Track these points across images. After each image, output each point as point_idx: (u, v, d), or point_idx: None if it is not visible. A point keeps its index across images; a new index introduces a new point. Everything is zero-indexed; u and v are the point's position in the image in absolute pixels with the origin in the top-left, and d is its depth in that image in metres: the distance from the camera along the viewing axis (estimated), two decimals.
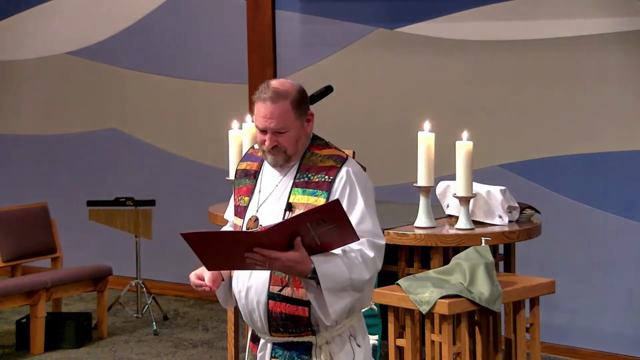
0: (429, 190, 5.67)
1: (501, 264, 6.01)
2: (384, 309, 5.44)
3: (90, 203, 8.27)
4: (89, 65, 9.47)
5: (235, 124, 6.35)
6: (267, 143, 3.66)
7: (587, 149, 7.15)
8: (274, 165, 3.73)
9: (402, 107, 7.85)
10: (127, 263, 8.58)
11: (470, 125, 6.10)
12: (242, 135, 6.23)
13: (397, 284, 5.28)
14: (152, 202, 8.23)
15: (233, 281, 3.79)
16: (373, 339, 5.59)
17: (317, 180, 3.67)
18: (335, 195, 3.62)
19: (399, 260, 5.69)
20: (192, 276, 3.82)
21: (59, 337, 7.52)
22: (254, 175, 3.83)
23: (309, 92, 5.94)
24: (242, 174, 3.89)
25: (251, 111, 8.03)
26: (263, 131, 3.67)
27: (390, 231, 5.57)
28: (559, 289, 5.80)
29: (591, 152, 7.14)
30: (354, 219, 3.60)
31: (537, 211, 5.90)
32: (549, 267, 7.13)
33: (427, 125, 5.68)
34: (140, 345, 7.62)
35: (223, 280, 3.83)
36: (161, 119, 9.15)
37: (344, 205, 3.57)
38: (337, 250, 3.54)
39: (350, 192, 3.65)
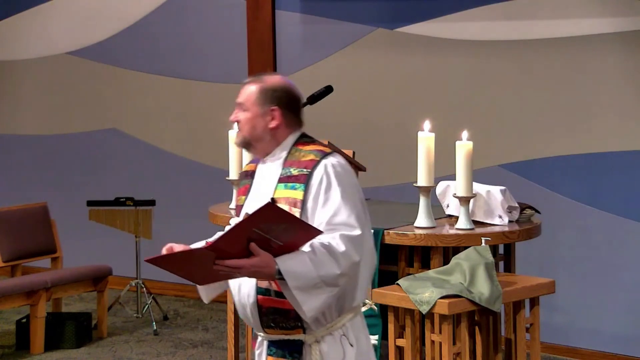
0: (429, 190, 5.67)
1: (501, 264, 6.01)
2: (384, 309, 5.44)
3: (90, 203, 8.27)
4: (89, 65, 9.47)
5: (235, 124, 6.34)
6: (232, 116, 3.90)
7: (587, 149, 7.15)
8: (236, 144, 3.91)
9: (402, 107, 7.85)
10: (127, 263, 8.58)
11: (470, 125, 6.10)
12: None
13: (397, 284, 5.28)
14: (152, 202, 8.23)
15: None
16: (373, 339, 5.59)
17: (297, 173, 3.76)
18: (313, 188, 3.69)
19: (399, 260, 5.69)
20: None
21: (59, 337, 7.52)
22: (251, 175, 3.95)
23: (309, 92, 5.98)
24: (243, 175, 4.02)
25: None
26: None
27: (390, 231, 5.57)
28: (559, 289, 5.80)
29: (591, 152, 7.14)
30: (328, 211, 3.65)
31: (537, 211, 5.90)
32: (549, 267, 7.13)
33: (427, 125, 5.68)
34: (140, 345, 7.62)
35: None
36: (161, 119, 9.15)
37: (321, 197, 3.66)
38: (306, 247, 3.58)
39: (327, 185, 3.70)
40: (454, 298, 5.09)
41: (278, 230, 3.49)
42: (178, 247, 3.74)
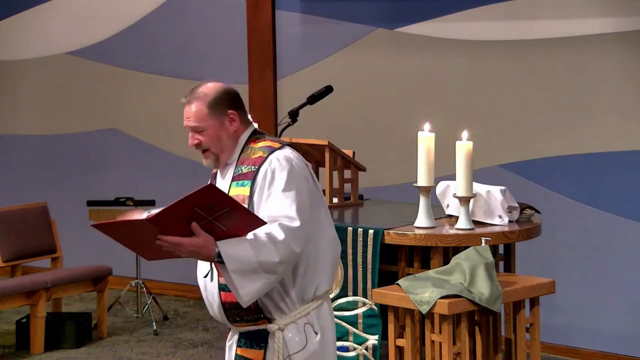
0: (429, 190, 5.66)
1: (501, 264, 6.01)
2: (384, 309, 5.44)
3: (90, 203, 8.27)
4: (89, 65, 9.47)
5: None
6: (189, 141, 3.94)
7: (587, 149, 7.15)
8: (208, 166, 3.98)
9: (402, 107, 7.85)
10: (127, 263, 8.58)
11: (470, 125, 6.10)
12: None
13: (397, 284, 5.28)
14: (152, 202, 8.23)
15: (198, 278, 3.97)
16: (373, 339, 5.59)
17: (246, 171, 3.84)
18: (258, 184, 3.78)
19: (399, 260, 5.69)
20: None
21: (59, 337, 7.52)
22: (214, 177, 4.07)
23: (309, 92, 5.98)
24: (213, 176, 4.12)
25: (251, 111, 8.03)
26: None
27: (390, 231, 5.57)
28: (559, 289, 5.80)
29: (591, 152, 7.14)
30: (271, 204, 3.72)
31: (537, 211, 5.90)
32: (549, 267, 7.13)
33: (427, 125, 5.68)
34: (140, 345, 7.62)
35: None
36: (161, 119, 9.15)
37: (265, 190, 3.75)
38: (249, 235, 3.64)
39: (272, 178, 3.77)
40: (454, 298, 5.08)
41: (219, 214, 3.56)
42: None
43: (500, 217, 5.71)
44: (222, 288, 3.82)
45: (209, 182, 4.04)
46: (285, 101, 8.31)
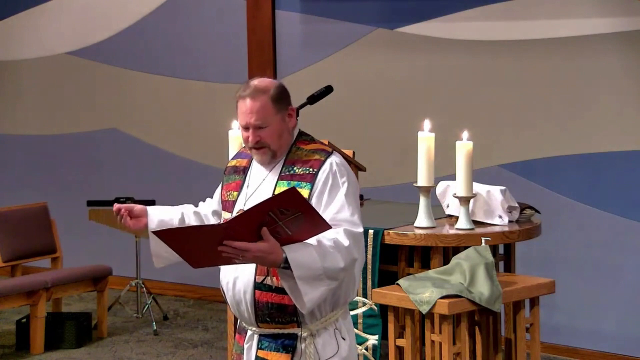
0: (429, 190, 5.66)
1: (501, 264, 6.01)
2: (384, 309, 5.44)
3: (90, 203, 8.27)
4: (89, 65, 9.47)
5: (235, 124, 6.33)
6: (250, 139, 3.75)
7: (587, 149, 7.15)
8: (262, 163, 3.81)
9: (402, 107, 7.85)
10: (127, 263, 8.59)
11: (470, 125, 6.10)
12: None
13: (397, 284, 5.28)
14: (152, 202, 8.22)
15: (221, 273, 3.85)
16: (373, 339, 5.59)
17: (301, 172, 3.75)
18: (318, 186, 3.70)
19: (399, 260, 5.69)
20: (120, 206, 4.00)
21: (59, 337, 7.52)
22: (243, 171, 3.92)
23: (309, 92, 5.97)
24: (231, 170, 3.98)
25: None
26: (246, 128, 3.76)
27: (390, 231, 5.57)
28: (559, 289, 5.80)
29: (591, 152, 7.14)
30: (333, 208, 3.66)
31: (537, 211, 5.90)
32: (549, 267, 7.13)
33: (427, 125, 5.68)
34: (140, 345, 7.62)
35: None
36: (161, 119, 9.15)
37: (325, 195, 3.67)
38: (312, 240, 3.57)
39: (333, 183, 3.71)
40: (454, 298, 5.09)
41: (290, 217, 3.48)
42: (138, 208, 3.93)
43: (500, 217, 5.72)
44: (257, 287, 3.71)
45: (224, 178, 3.96)
46: None
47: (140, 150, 9.26)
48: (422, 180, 5.63)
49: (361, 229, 3.68)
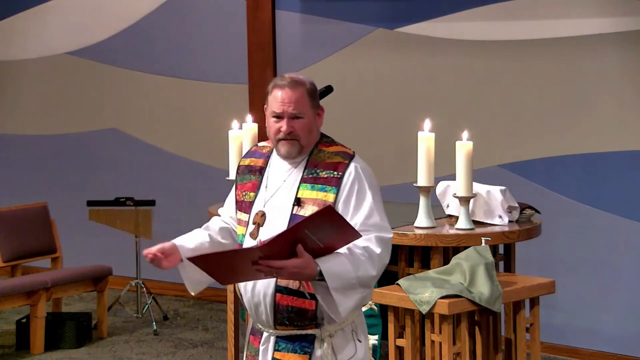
0: (429, 190, 5.66)
1: (501, 264, 6.01)
2: (384, 309, 5.44)
3: (90, 203, 8.27)
4: (89, 65, 9.47)
5: (235, 124, 6.35)
6: (284, 128, 3.70)
7: (587, 149, 7.15)
8: (287, 156, 3.75)
9: (402, 107, 7.85)
10: (127, 263, 8.58)
11: (470, 125, 6.10)
12: (242, 135, 6.22)
13: (397, 284, 5.28)
14: (152, 202, 8.23)
15: None
16: (373, 339, 5.59)
17: (325, 176, 3.72)
18: (344, 191, 3.68)
19: (399, 260, 5.69)
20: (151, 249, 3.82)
21: (59, 337, 7.52)
22: (260, 171, 3.86)
23: None
24: (245, 170, 3.91)
25: (251, 111, 8.03)
26: (279, 117, 3.71)
27: None
28: (559, 289, 5.80)
29: (591, 152, 7.14)
30: (362, 214, 3.66)
31: (537, 211, 5.90)
32: (549, 267, 7.13)
33: (427, 125, 5.68)
34: (140, 345, 7.62)
35: (182, 261, 3.84)
36: (161, 119, 9.15)
37: (353, 200, 3.66)
38: (343, 249, 3.57)
39: (359, 188, 3.70)
40: (454, 298, 5.09)
41: (323, 232, 3.48)
42: (168, 245, 3.77)
43: (500, 217, 5.72)
44: (278, 290, 3.69)
45: (237, 178, 3.91)
46: None
47: (140, 150, 9.26)
48: (422, 180, 5.63)
49: (391, 234, 3.69)
